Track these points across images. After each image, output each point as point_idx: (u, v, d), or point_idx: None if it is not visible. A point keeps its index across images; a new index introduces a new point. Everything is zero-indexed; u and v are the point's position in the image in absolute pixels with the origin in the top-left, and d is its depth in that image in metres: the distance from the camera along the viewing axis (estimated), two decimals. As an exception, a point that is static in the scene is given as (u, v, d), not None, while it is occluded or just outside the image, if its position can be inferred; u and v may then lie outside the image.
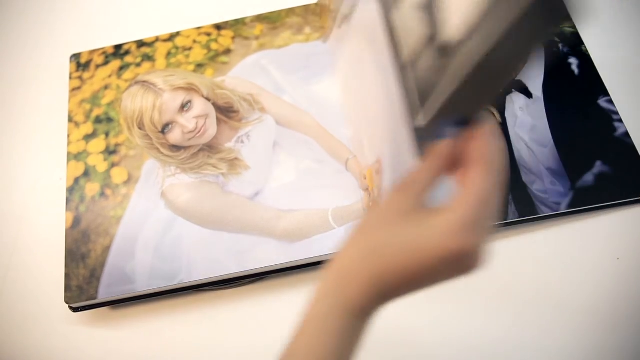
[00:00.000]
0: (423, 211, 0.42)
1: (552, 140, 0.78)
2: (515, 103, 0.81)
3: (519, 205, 0.75)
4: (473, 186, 0.41)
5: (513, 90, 0.81)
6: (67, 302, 0.73)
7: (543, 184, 0.76)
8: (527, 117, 0.80)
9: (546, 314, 0.69)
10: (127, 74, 0.87)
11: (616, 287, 0.68)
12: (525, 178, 0.76)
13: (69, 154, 0.82)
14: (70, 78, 0.88)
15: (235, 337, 0.73)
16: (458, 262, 0.41)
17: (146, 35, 0.91)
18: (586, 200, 0.74)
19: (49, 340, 0.74)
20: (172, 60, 0.87)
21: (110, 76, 0.87)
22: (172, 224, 0.76)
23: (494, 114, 0.80)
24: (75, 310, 0.74)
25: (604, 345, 0.67)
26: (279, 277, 0.75)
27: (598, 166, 0.75)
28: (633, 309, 0.68)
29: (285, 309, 0.73)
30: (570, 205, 0.74)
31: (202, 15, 0.94)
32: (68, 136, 0.83)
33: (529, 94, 0.81)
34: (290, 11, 0.89)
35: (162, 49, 0.88)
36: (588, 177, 0.75)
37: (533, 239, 0.74)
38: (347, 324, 0.42)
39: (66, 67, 0.90)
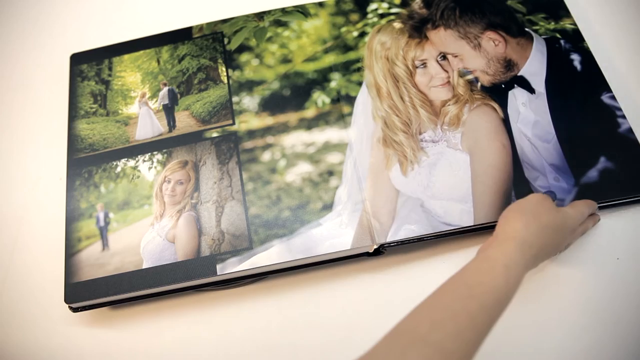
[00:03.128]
0: (562, 209, 0.67)
1: (555, 136, 0.77)
2: (518, 98, 0.80)
3: None
4: (585, 204, 0.70)
5: (515, 85, 0.80)
6: (67, 302, 0.73)
7: (546, 180, 0.75)
8: (530, 113, 0.79)
9: (546, 314, 0.69)
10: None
11: (616, 287, 0.67)
12: (527, 174, 0.76)
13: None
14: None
15: (235, 337, 0.73)
16: (575, 238, 0.70)
17: (146, 33, 0.91)
18: (590, 197, 0.73)
19: (49, 340, 0.74)
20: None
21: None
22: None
23: (496, 109, 0.79)
24: (75, 310, 0.74)
25: (603, 345, 0.66)
26: (279, 277, 0.75)
27: (602, 162, 0.75)
28: (633, 309, 0.68)
29: (285, 309, 0.73)
30: None
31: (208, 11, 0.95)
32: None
33: (531, 90, 0.80)
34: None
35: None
36: (592, 174, 0.74)
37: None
38: (522, 276, 0.59)
39: (66, 67, 0.90)
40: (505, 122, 0.79)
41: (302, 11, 0.90)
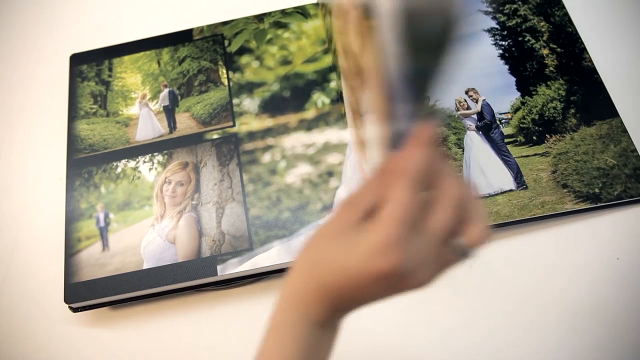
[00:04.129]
0: (361, 229, 0.40)
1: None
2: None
3: None
4: (393, 204, 0.39)
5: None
6: (67, 302, 0.73)
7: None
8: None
9: (545, 315, 0.69)
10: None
11: (616, 287, 0.68)
12: None
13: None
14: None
15: (235, 337, 0.72)
16: (386, 282, 0.40)
17: (146, 35, 0.91)
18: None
19: (49, 340, 0.74)
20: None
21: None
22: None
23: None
24: (75, 310, 0.74)
25: (603, 345, 0.66)
26: (279, 277, 0.75)
27: None
28: (633, 309, 0.68)
29: (285, 309, 0.73)
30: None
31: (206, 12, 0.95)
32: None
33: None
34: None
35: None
36: None
37: (533, 239, 0.74)
38: (309, 333, 0.42)
39: (66, 67, 0.90)
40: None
41: (302, 12, 0.91)
